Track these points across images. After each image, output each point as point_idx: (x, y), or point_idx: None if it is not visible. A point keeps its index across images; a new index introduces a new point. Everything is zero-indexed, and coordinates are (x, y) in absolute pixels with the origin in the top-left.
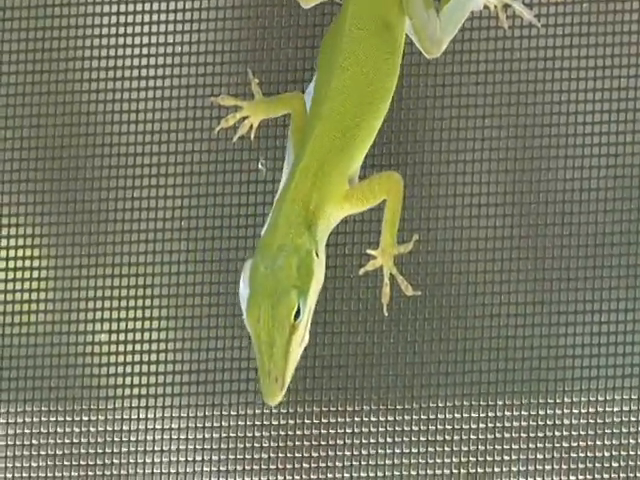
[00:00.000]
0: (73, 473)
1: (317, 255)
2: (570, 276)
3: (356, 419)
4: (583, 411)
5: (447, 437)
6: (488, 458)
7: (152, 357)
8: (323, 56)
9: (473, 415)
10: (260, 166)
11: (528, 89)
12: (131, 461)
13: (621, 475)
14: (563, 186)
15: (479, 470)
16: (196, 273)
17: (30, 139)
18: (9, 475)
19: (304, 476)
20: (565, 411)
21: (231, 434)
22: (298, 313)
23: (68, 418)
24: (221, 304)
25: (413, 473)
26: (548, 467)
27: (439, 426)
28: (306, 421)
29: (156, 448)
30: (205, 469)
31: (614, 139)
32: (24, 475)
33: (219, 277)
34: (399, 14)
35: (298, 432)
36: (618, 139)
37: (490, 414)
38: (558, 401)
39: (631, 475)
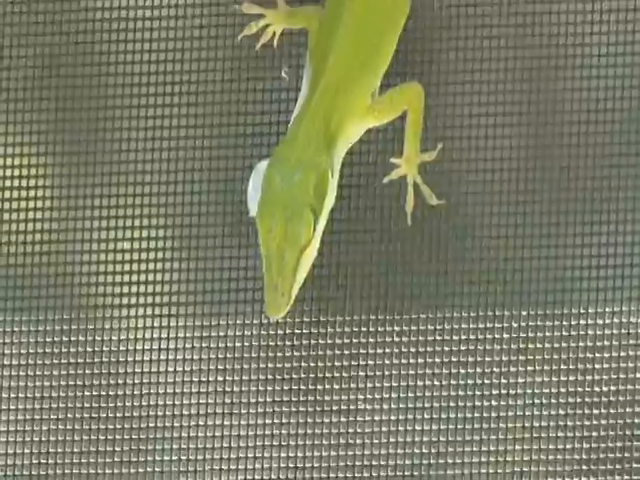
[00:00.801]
0: (87, 382)
1: (332, 174)
2: (594, 185)
3: (379, 328)
4: (607, 322)
5: (471, 346)
6: (512, 369)
7: (158, 266)
8: None
9: (497, 325)
10: (284, 74)
11: (551, 9)
12: (153, 370)
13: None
14: (579, 97)
15: (502, 380)
16: (219, 181)
17: (43, 70)
18: (22, 383)
19: (327, 385)
20: (590, 322)
21: (254, 343)
22: (312, 230)
23: (74, 326)
24: (244, 213)
25: (437, 383)
26: (572, 378)
27: (462, 336)
28: (329, 329)
29: (178, 357)
30: (228, 378)
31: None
32: (37, 384)
33: (242, 185)
34: None
35: (321, 341)
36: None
37: (514, 324)
38: (582, 311)
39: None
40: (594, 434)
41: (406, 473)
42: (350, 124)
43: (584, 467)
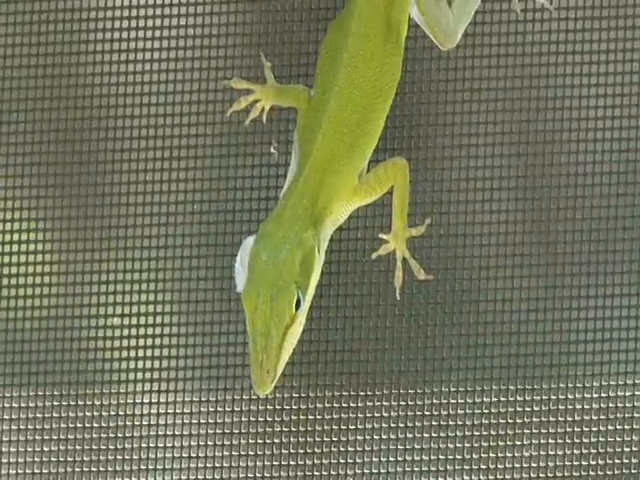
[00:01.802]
0: (85, 458)
1: (319, 252)
2: (582, 260)
3: (368, 403)
4: (595, 396)
5: (459, 422)
6: (500, 443)
7: (164, 341)
8: (327, 54)
9: (485, 400)
10: (272, 149)
11: (540, 72)
12: (143, 445)
13: (633, 461)
14: (575, 170)
15: (491, 455)
16: (208, 257)
17: (41, 124)
18: (21, 460)
19: (316, 460)
20: (577, 396)
21: (243, 418)
22: (296, 307)
23: (80, 402)
24: (233, 288)
25: (425, 458)
26: (560, 452)
27: (451, 411)
28: (318, 405)
29: (168, 432)
30: (217, 453)
31: (626, 123)
32: (36, 460)
33: (231, 261)
34: (401, 12)
35: (310, 417)
36: (630, 123)
37: (502, 399)
38: (570, 385)
39: None
40: None
41: None
42: (337, 204)
43: None
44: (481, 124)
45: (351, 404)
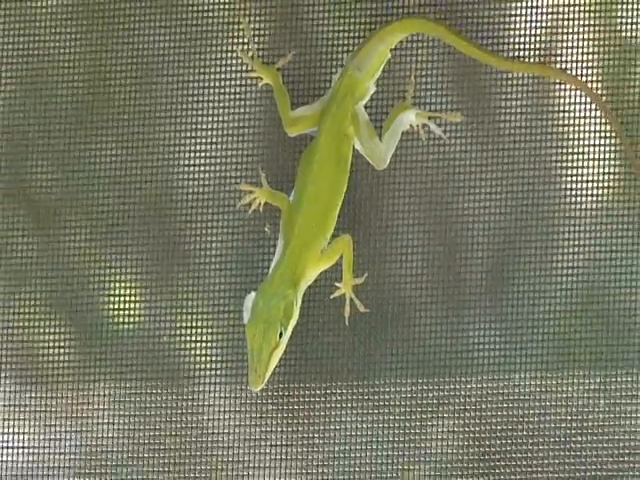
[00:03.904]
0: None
1: (296, 303)
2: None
3: (335, 392)
4: (499, 384)
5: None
6: (424, 422)
7: (205, 351)
8: (300, 172)
9: (415, 388)
10: (266, 229)
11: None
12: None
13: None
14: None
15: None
16: (229, 303)
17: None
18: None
19: (297, 428)
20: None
21: (249, 400)
22: (280, 337)
23: (157, 394)
24: (242, 320)
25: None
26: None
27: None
28: (296, 393)
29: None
30: (232, 423)
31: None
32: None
33: (240, 306)
34: (348, 147)
35: (291, 400)
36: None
37: (431, 387)
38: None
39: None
40: None
41: None
42: (308, 270)
43: None
44: (402, 213)
45: (318, 392)
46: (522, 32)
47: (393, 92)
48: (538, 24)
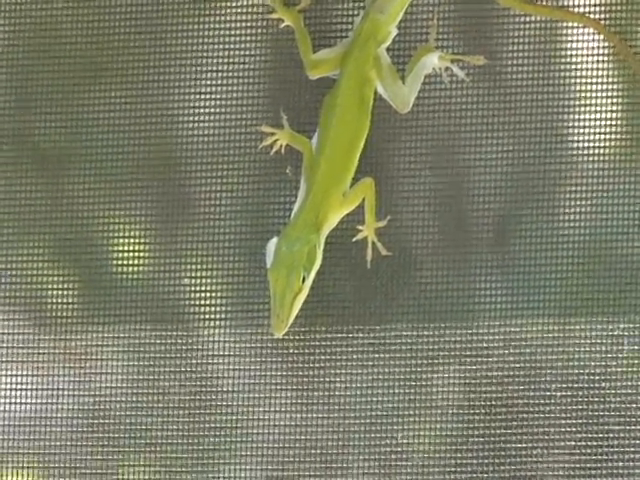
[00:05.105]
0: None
1: (319, 247)
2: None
3: (357, 335)
4: (499, 330)
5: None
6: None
7: (225, 293)
8: (323, 116)
9: (427, 333)
10: (288, 171)
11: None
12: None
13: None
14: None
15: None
16: (251, 246)
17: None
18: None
19: (309, 372)
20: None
21: (269, 344)
22: (303, 281)
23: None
24: (264, 265)
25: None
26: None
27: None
28: (313, 336)
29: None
30: (252, 367)
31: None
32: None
33: (263, 249)
34: (370, 90)
35: (308, 343)
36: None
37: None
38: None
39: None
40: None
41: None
42: (331, 214)
43: None
44: (422, 155)
45: (339, 335)
46: None
47: (415, 35)
48: None
